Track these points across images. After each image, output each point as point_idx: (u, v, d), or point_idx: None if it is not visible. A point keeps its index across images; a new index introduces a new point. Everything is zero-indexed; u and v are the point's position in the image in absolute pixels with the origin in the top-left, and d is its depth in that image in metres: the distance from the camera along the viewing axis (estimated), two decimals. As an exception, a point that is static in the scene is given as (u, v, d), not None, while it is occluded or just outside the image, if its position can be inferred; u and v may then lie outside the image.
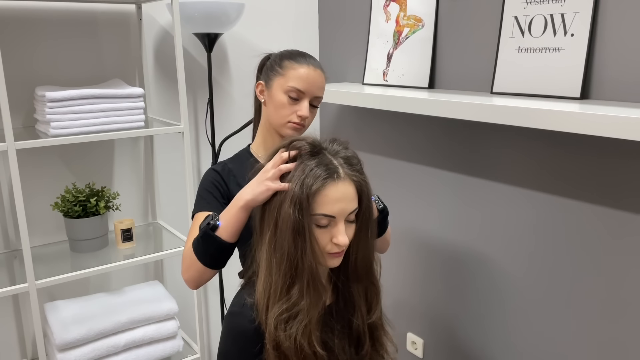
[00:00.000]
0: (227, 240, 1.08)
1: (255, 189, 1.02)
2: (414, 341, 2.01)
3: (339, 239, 0.96)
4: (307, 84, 1.24)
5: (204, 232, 1.08)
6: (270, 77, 1.27)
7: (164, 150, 1.98)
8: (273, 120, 1.27)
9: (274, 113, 1.26)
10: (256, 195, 1.01)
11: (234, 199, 1.07)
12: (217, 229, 1.08)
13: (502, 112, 1.33)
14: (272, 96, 1.26)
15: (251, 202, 1.03)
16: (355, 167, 1.00)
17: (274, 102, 1.26)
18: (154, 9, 1.88)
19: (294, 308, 0.96)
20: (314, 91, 1.25)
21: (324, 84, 1.29)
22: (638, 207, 1.31)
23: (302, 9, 2.21)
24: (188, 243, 1.16)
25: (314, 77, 1.25)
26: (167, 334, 1.76)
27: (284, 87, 1.24)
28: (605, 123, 1.14)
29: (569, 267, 1.47)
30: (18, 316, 1.79)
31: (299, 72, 1.23)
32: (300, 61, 1.25)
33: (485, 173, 1.65)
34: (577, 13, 1.34)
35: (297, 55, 1.27)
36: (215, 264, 1.12)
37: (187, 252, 1.15)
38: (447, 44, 1.71)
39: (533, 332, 1.59)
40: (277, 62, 1.27)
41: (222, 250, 1.10)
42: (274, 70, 1.27)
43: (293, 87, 1.23)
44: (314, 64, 1.26)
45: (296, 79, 1.23)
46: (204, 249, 1.10)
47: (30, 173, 1.74)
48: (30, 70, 1.69)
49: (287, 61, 1.25)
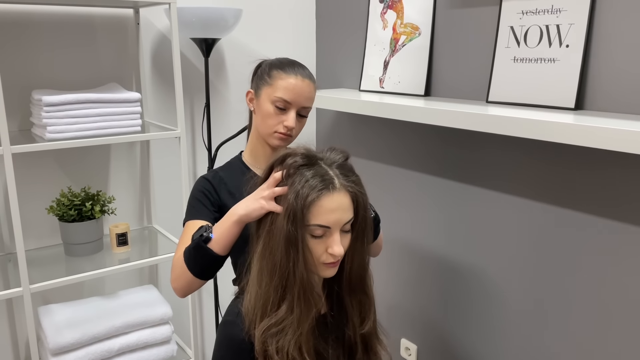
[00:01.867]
0: (218, 253, 1.08)
1: (249, 205, 1.03)
2: (407, 347, 2.01)
3: (334, 249, 0.96)
4: (294, 94, 1.23)
5: (197, 244, 1.09)
6: (259, 86, 1.27)
7: (160, 154, 1.98)
8: (261, 129, 1.27)
9: (261, 122, 1.26)
10: (250, 211, 1.02)
11: (228, 213, 1.08)
12: (209, 241, 1.08)
13: (497, 122, 1.34)
14: (260, 105, 1.26)
15: (244, 217, 1.04)
16: (351, 178, 1.00)
17: (261, 112, 1.26)
18: (152, 14, 1.88)
19: (282, 322, 0.96)
20: (301, 102, 1.24)
21: (313, 94, 1.28)
22: (632, 217, 1.32)
23: (300, 16, 2.22)
24: (178, 252, 1.16)
25: (301, 87, 1.23)
26: (161, 338, 1.75)
27: (271, 97, 1.23)
28: (599, 135, 1.15)
29: (561, 274, 1.48)
30: (12, 320, 1.78)
31: (287, 82, 1.23)
32: (289, 71, 1.24)
33: (479, 181, 1.66)
34: (572, 24, 1.35)
35: (287, 64, 1.26)
36: (205, 275, 1.12)
37: (177, 261, 1.15)
38: (443, 52, 1.72)
39: (526, 337, 1.60)
40: (266, 71, 1.27)
41: (213, 262, 1.10)
42: (263, 80, 1.26)
43: (280, 97, 1.22)
44: (302, 74, 1.25)
45: (283, 90, 1.22)
46: (195, 259, 1.10)
47: (25, 176, 1.73)
48: (27, 73, 1.69)
49: (276, 71, 1.24)
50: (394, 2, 1.85)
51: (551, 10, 1.39)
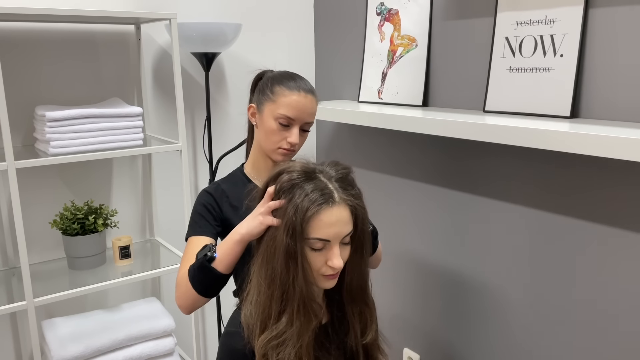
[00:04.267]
0: (222, 272, 1.10)
1: (250, 223, 1.05)
2: (410, 357, 2.01)
3: (333, 262, 0.97)
4: (298, 111, 1.23)
5: (201, 263, 1.10)
6: (262, 101, 1.27)
7: (162, 167, 2.00)
8: (264, 145, 1.27)
9: (264, 138, 1.26)
10: (250, 229, 1.04)
11: (231, 233, 1.09)
12: (213, 261, 1.09)
13: (495, 131, 1.36)
14: (263, 121, 1.26)
15: (247, 236, 1.05)
16: (351, 192, 1.01)
17: (264, 128, 1.26)
18: (153, 30, 1.91)
19: (283, 335, 0.96)
20: (304, 118, 1.25)
21: (315, 109, 1.28)
22: (629, 223, 1.33)
23: (298, 29, 2.25)
24: (182, 269, 1.17)
25: (304, 104, 1.24)
26: (164, 351, 1.76)
27: (274, 113, 1.23)
28: (595, 142, 1.16)
29: (561, 282, 1.49)
30: (15, 333, 1.79)
31: (290, 99, 1.23)
32: (292, 87, 1.24)
33: (478, 190, 1.68)
34: (566, 34, 1.38)
35: (289, 79, 1.26)
36: (209, 293, 1.13)
37: (181, 279, 1.16)
38: (440, 63, 1.75)
39: (529, 347, 1.61)
40: (268, 86, 1.26)
41: (216, 281, 1.11)
42: (265, 95, 1.26)
43: (283, 114, 1.23)
44: (305, 89, 1.25)
45: (286, 107, 1.22)
46: (199, 279, 1.11)
47: (29, 191, 1.75)
48: (31, 90, 1.72)
49: (278, 87, 1.24)
50: (390, 15, 1.88)
51: (545, 20, 1.42)
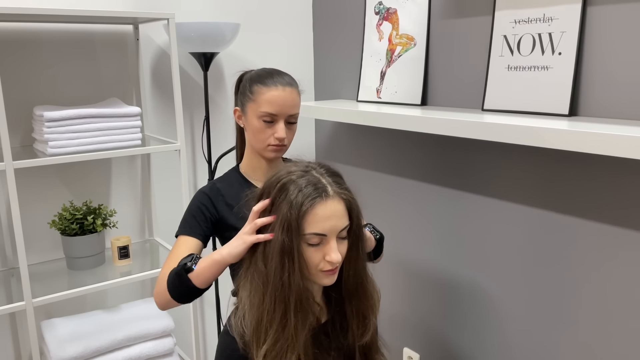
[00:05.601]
0: (197, 286, 1.09)
1: (232, 243, 1.05)
2: (410, 356, 2.01)
3: (331, 257, 0.97)
4: (278, 106, 1.24)
5: (178, 271, 1.10)
6: (244, 103, 1.28)
7: (161, 167, 2.00)
8: (254, 144, 1.29)
9: (253, 138, 1.28)
10: (232, 249, 1.04)
11: (214, 252, 1.08)
12: (191, 272, 1.09)
13: (494, 130, 1.36)
14: (249, 122, 1.27)
15: (227, 257, 1.05)
16: (344, 186, 1.01)
17: (251, 128, 1.27)
18: (151, 30, 1.91)
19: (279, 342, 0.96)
20: (286, 111, 1.25)
21: (297, 101, 1.28)
22: (628, 221, 1.33)
23: (297, 29, 2.24)
24: (165, 267, 1.17)
25: (283, 98, 1.24)
26: (163, 351, 1.76)
27: (257, 112, 1.24)
28: (594, 140, 1.16)
29: (559, 280, 1.49)
30: (15, 334, 1.79)
31: (268, 96, 1.23)
32: (269, 84, 1.24)
33: (477, 188, 1.68)
34: (564, 32, 1.38)
35: (265, 77, 1.26)
36: (183, 300, 1.13)
37: (162, 278, 1.16)
38: (438, 62, 1.74)
39: (529, 345, 1.60)
40: (247, 87, 1.27)
41: (190, 291, 1.11)
42: (246, 96, 1.27)
43: (265, 112, 1.23)
44: (283, 83, 1.25)
45: (266, 104, 1.23)
46: (175, 285, 1.11)
47: (27, 191, 1.75)
48: (29, 90, 1.72)
49: (256, 86, 1.25)
50: (389, 14, 1.88)
51: (543, 18, 1.42)
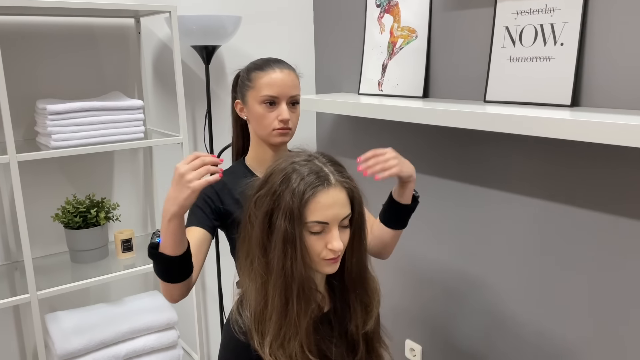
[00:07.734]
0: (171, 254, 1.06)
1: (178, 197, 1.01)
2: (412, 348, 2.02)
3: (333, 245, 0.97)
4: (278, 87, 1.25)
5: (149, 254, 1.08)
6: (244, 93, 1.29)
7: (163, 160, 2.00)
8: (259, 132, 1.29)
9: (257, 126, 1.28)
10: (180, 201, 1.01)
11: (164, 213, 1.04)
12: (158, 246, 1.07)
13: (496, 120, 1.36)
14: (251, 110, 1.28)
15: (179, 211, 1.02)
16: (345, 175, 1.01)
17: (254, 116, 1.27)
18: (153, 23, 1.91)
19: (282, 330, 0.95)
20: (287, 92, 1.26)
21: (297, 82, 1.29)
22: (632, 211, 1.33)
23: (298, 22, 2.24)
24: None
25: (282, 79, 1.26)
26: (167, 343, 1.77)
27: (258, 97, 1.25)
28: (596, 129, 1.17)
29: (562, 271, 1.49)
30: (19, 327, 1.80)
31: (267, 79, 1.25)
32: (266, 68, 1.27)
33: (479, 180, 1.68)
34: (566, 23, 1.38)
35: (262, 64, 1.29)
36: (172, 278, 1.10)
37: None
38: (440, 54, 1.74)
39: (533, 338, 1.61)
40: (245, 76, 1.29)
41: (170, 265, 1.08)
42: (245, 86, 1.29)
43: (266, 94, 1.25)
44: (281, 66, 1.27)
45: (266, 87, 1.25)
46: (157, 268, 1.10)
47: (31, 185, 1.76)
48: (32, 83, 1.72)
49: (254, 72, 1.27)
50: (390, 6, 1.87)
51: (545, 9, 1.42)
